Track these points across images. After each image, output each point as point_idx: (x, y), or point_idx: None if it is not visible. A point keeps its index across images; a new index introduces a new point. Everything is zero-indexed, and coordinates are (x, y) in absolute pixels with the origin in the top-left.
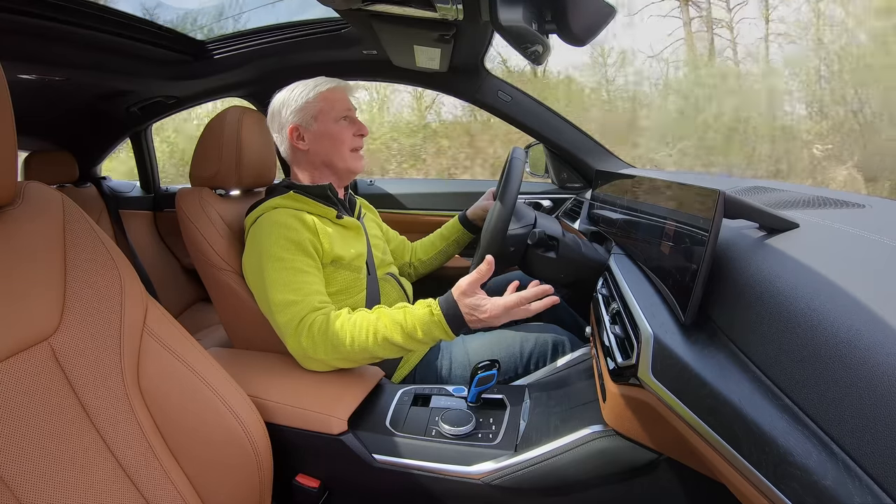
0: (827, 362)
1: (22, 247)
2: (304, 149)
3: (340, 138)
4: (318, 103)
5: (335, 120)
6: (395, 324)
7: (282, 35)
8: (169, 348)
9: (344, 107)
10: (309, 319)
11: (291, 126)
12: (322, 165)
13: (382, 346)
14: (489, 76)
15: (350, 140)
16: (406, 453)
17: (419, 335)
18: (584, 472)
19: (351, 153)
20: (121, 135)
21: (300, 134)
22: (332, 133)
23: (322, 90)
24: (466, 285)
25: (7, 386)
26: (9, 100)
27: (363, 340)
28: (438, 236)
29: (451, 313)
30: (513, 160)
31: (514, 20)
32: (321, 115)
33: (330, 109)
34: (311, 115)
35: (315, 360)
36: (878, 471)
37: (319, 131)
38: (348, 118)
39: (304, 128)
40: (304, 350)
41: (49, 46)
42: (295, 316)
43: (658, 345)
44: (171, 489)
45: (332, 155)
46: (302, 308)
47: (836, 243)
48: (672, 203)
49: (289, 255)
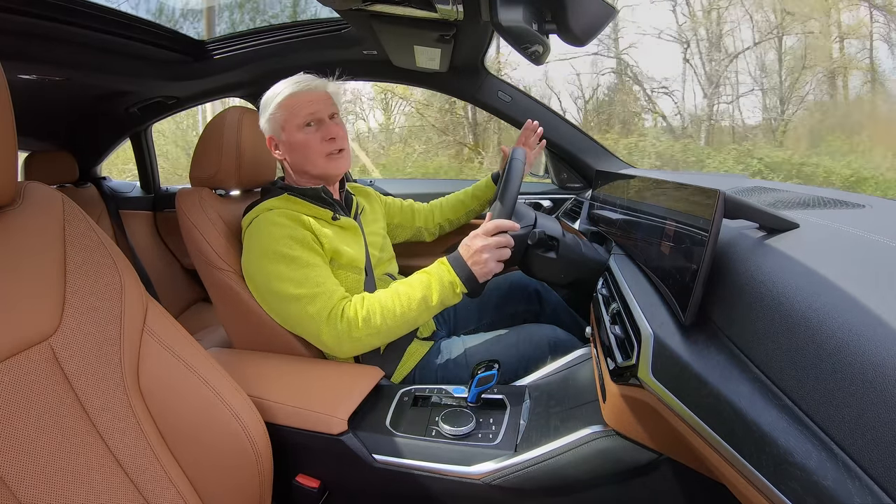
0: (827, 362)
1: (22, 247)
2: (280, 158)
3: (308, 146)
4: (281, 113)
5: (299, 128)
6: (412, 282)
7: (282, 35)
8: (169, 348)
9: (307, 112)
10: (341, 306)
11: (267, 137)
12: (302, 172)
13: (408, 307)
14: (489, 76)
15: (319, 146)
16: (406, 453)
17: (434, 282)
18: (584, 472)
19: (325, 159)
20: (121, 135)
21: (276, 144)
22: (299, 143)
23: (280, 100)
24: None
25: (7, 386)
26: (9, 100)
27: (391, 307)
28: (469, 196)
29: (453, 256)
30: (513, 160)
31: (514, 20)
32: (286, 125)
33: (292, 118)
34: (279, 126)
35: (351, 341)
36: (878, 471)
37: (288, 142)
38: (314, 122)
39: (277, 139)
40: (339, 334)
41: (49, 46)
42: (326, 304)
43: (658, 345)
44: (170, 489)
45: (305, 164)
46: (331, 296)
47: (836, 243)
48: (672, 203)
49: (296, 252)
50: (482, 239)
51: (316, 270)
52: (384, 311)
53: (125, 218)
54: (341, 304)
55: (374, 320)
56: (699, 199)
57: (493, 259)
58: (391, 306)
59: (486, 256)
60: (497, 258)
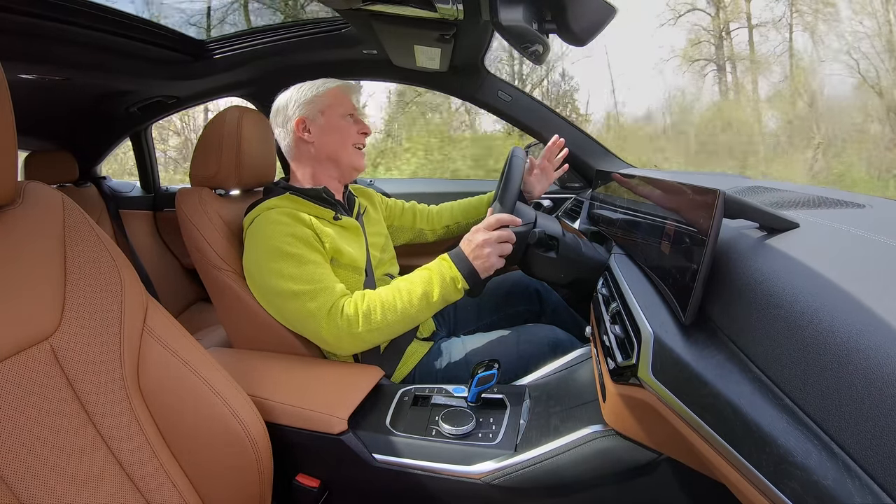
0: (827, 362)
1: (22, 247)
2: (309, 141)
3: (346, 133)
4: (326, 99)
5: (341, 116)
6: (413, 278)
7: (282, 35)
8: (169, 348)
9: (350, 105)
10: (342, 302)
11: (298, 118)
12: (326, 160)
13: (409, 303)
14: (489, 76)
15: (354, 136)
16: (406, 453)
17: (435, 278)
18: (584, 471)
19: (353, 149)
20: (121, 135)
21: (306, 126)
22: (339, 127)
23: (330, 87)
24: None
25: (7, 386)
26: (9, 100)
27: (392, 302)
28: (483, 203)
29: (454, 251)
30: (513, 160)
31: (515, 20)
32: (328, 110)
33: (338, 105)
34: (319, 110)
35: (351, 337)
36: (878, 471)
37: (326, 125)
38: (353, 117)
39: (311, 121)
40: (339, 330)
41: (49, 46)
42: (327, 300)
43: (658, 345)
44: (170, 489)
45: (338, 149)
46: (332, 293)
47: (836, 243)
48: (672, 203)
49: (297, 250)
50: (483, 233)
51: (317, 268)
52: (385, 307)
53: (125, 218)
54: (342, 300)
55: (374, 316)
56: (699, 198)
57: (494, 254)
58: (392, 302)
59: (487, 251)
60: (499, 253)
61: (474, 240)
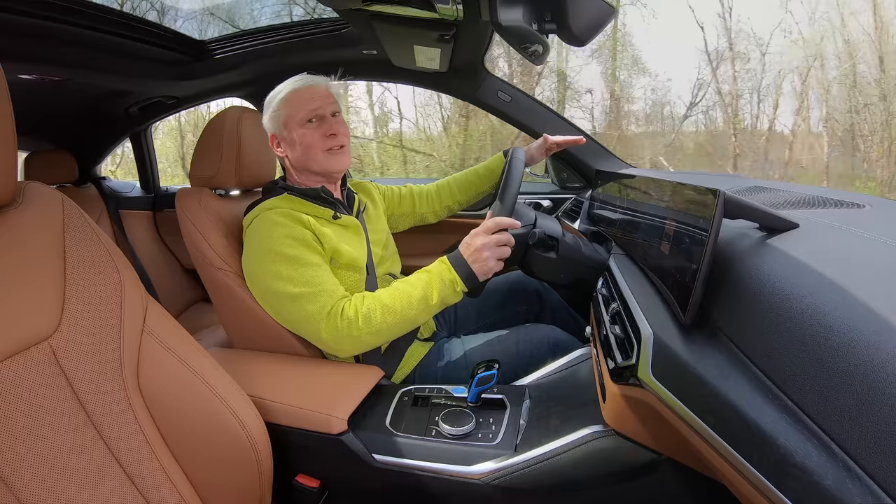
0: (827, 362)
1: (22, 247)
2: (282, 155)
3: (308, 143)
4: (283, 110)
5: (300, 124)
6: (412, 280)
7: (282, 35)
8: (169, 348)
9: (310, 108)
10: (341, 304)
11: (270, 135)
12: (304, 170)
13: (408, 305)
14: (489, 76)
15: (320, 142)
16: (406, 453)
17: (434, 281)
18: (584, 472)
19: (325, 154)
20: (121, 135)
21: (278, 142)
22: (300, 139)
23: (283, 95)
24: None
25: (7, 386)
26: (9, 100)
27: (391, 305)
28: (480, 176)
29: (453, 255)
30: (513, 160)
31: (514, 20)
32: (288, 122)
33: (295, 114)
34: (282, 123)
35: (350, 339)
36: (878, 471)
37: (290, 139)
38: (316, 119)
39: (280, 136)
40: (338, 332)
41: (49, 46)
42: (327, 303)
43: (658, 345)
44: (170, 489)
45: (307, 160)
46: (331, 295)
47: (836, 243)
48: (672, 203)
49: (296, 251)
50: (482, 237)
51: (316, 270)
52: (384, 310)
53: (125, 218)
54: (341, 302)
55: (374, 318)
56: (699, 199)
57: (493, 257)
58: (391, 304)
59: (486, 255)
60: (497, 256)
61: (473, 244)
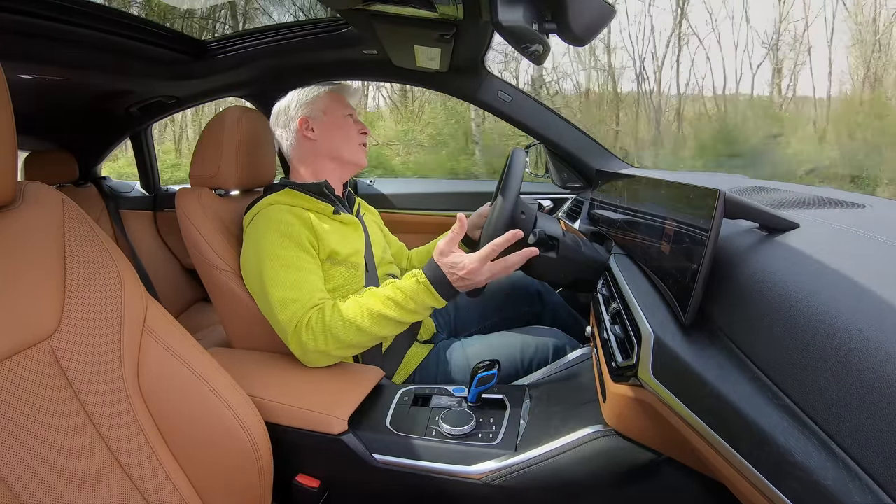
0: (827, 362)
1: (22, 247)
2: (313, 139)
3: (348, 129)
4: (327, 100)
5: (343, 116)
6: (385, 299)
7: (282, 35)
8: (169, 348)
9: (349, 107)
10: (307, 316)
11: (301, 118)
12: (329, 156)
13: (379, 324)
14: (489, 76)
15: (357, 135)
16: (406, 453)
17: (411, 305)
18: (584, 471)
19: (358, 147)
20: (121, 135)
21: (309, 125)
22: (342, 125)
23: (327, 88)
24: (444, 245)
25: (7, 386)
26: (9, 100)
27: (359, 322)
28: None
29: (435, 276)
30: (513, 160)
31: (515, 20)
32: (330, 110)
33: (339, 107)
34: (321, 109)
35: (317, 353)
36: (878, 470)
37: (329, 122)
38: (352, 117)
39: (314, 119)
40: (304, 345)
41: (49, 46)
42: (295, 314)
43: (658, 345)
44: (171, 489)
45: (342, 145)
46: (302, 305)
47: (836, 243)
48: (672, 203)
49: (286, 252)
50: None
51: (298, 273)
52: (349, 326)
53: (125, 217)
54: (308, 314)
55: (339, 334)
56: (699, 198)
57: (484, 280)
58: (359, 321)
59: (477, 280)
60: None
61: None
